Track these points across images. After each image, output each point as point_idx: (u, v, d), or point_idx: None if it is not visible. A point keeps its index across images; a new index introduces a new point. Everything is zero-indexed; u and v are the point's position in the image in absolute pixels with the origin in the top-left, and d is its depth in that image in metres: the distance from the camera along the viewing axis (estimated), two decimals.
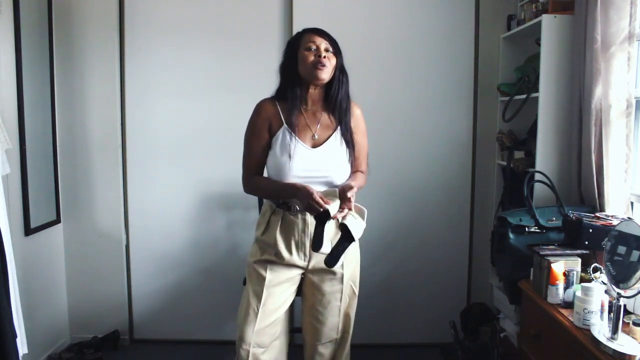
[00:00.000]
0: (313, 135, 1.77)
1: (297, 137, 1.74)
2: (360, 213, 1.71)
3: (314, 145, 1.76)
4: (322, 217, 1.62)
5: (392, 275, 2.87)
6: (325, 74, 1.72)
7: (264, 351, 1.78)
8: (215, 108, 2.77)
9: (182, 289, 2.90)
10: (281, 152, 1.73)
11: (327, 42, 1.74)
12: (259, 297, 1.76)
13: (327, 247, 1.67)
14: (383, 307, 2.87)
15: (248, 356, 1.74)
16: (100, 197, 2.82)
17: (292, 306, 1.91)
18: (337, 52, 1.76)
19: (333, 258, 1.67)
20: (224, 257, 2.85)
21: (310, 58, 1.71)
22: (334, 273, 1.80)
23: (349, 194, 1.64)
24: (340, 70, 1.77)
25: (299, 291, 1.89)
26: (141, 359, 2.79)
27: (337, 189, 1.69)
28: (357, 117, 1.86)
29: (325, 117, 1.80)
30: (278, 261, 1.77)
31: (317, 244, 1.65)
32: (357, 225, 1.67)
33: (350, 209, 1.66)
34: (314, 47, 1.72)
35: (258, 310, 1.75)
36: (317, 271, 1.81)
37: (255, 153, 1.79)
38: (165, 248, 2.87)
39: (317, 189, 1.69)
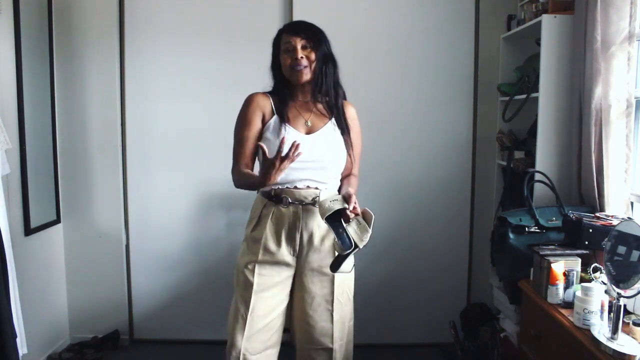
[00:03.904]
0: (306, 122, 1.75)
1: (289, 125, 1.72)
2: (368, 219, 1.63)
3: (308, 132, 1.74)
4: (333, 221, 1.58)
5: (392, 275, 2.87)
6: (304, 76, 1.71)
7: (256, 357, 1.72)
8: (215, 108, 2.76)
9: (182, 289, 2.90)
10: (273, 138, 1.70)
11: (303, 40, 1.69)
12: (247, 303, 1.71)
13: (347, 266, 1.64)
14: (383, 307, 2.87)
15: None
16: (100, 197, 2.82)
17: (290, 309, 1.86)
18: (318, 43, 1.71)
19: (335, 263, 1.63)
20: (224, 257, 2.84)
21: (288, 61, 1.71)
22: (324, 274, 1.74)
23: (353, 200, 1.59)
24: (323, 62, 1.73)
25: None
26: (141, 359, 2.79)
27: (341, 195, 1.64)
28: (351, 117, 1.83)
29: (319, 107, 1.78)
30: (265, 260, 1.72)
31: (335, 265, 1.62)
32: (361, 232, 1.60)
33: (357, 214, 1.60)
34: (290, 48, 1.70)
35: (247, 316, 1.70)
36: (306, 270, 1.75)
37: (245, 143, 1.73)
38: (165, 248, 2.86)
39: (311, 175, 1.68)
